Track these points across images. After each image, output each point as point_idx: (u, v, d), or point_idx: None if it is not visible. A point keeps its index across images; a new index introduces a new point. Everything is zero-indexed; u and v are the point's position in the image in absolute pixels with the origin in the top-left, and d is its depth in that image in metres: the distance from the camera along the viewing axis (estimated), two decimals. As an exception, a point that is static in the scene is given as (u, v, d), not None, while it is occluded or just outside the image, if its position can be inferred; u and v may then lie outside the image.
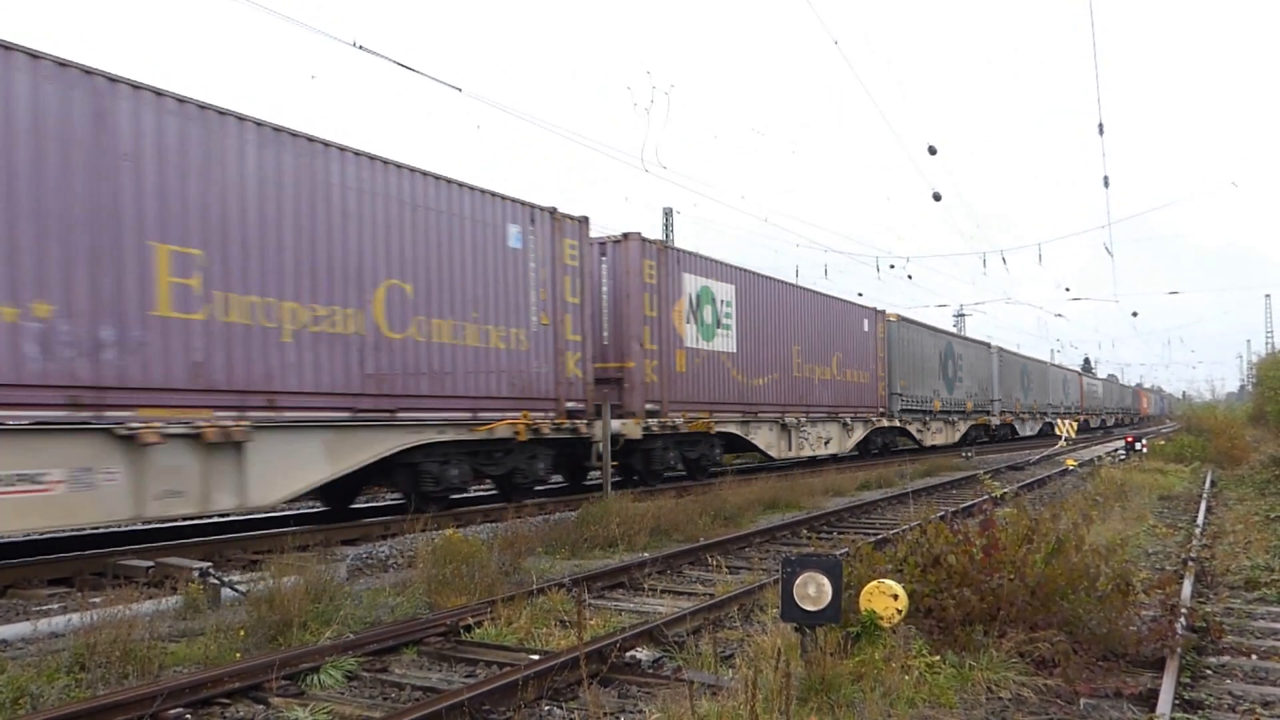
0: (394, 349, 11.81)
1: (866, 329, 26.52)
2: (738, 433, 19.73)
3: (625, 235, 16.86)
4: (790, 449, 21.87)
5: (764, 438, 20.76)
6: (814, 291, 24.32)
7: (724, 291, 19.43)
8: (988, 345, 41.02)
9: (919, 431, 30.72)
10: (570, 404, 14.81)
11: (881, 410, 27.37)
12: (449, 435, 12.60)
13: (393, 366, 11.78)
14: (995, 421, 39.46)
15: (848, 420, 25.05)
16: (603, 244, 16.77)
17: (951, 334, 37.13)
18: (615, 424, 15.31)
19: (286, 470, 10.41)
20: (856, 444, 25.89)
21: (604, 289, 16.58)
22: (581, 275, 15.20)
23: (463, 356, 12.90)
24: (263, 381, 10.13)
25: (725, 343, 19.33)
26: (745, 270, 20.63)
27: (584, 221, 15.43)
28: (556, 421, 14.45)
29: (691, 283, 18.32)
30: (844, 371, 24.92)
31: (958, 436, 34.70)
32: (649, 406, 16.71)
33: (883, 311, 28.05)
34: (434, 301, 12.44)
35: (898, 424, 28.76)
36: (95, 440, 8.69)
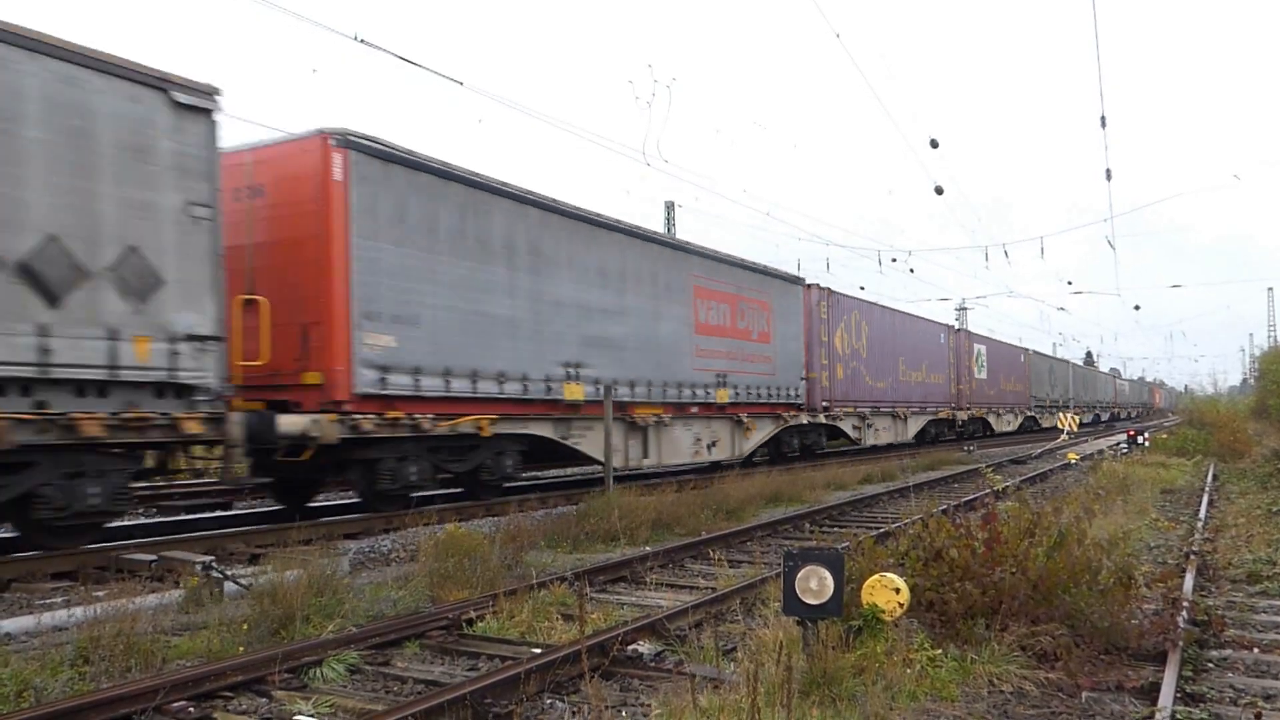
0: (928, 385, 31.78)
1: (1022, 360, 47.06)
2: (985, 417, 39.68)
3: (959, 330, 38.24)
4: (995, 427, 41.16)
5: (993, 420, 41.07)
6: (1007, 343, 46.56)
7: (979, 351, 38.95)
8: (1067, 362, 62.11)
9: (1039, 417, 49.76)
10: (951, 403, 34.73)
11: (1026, 406, 46.63)
12: (931, 419, 32.60)
13: (928, 391, 31.83)
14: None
15: (1016, 412, 45.01)
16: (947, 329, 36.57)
17: (1053, 357, 59.02)
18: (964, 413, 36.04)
19: (909, 430, 29.97)
20: (1017, 425, 45.16)
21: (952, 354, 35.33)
22: (956, 348, 35.63)
23: (932, 386, 32.52)
24: (907, 398, 29.65)
25: (981, 374, 38.79)
26: (992, 338, 43.38)
27: (951, 327, 36.66)
28: (951, 411, 34.63)
29: (977, 348, 38.73)
30: (1014, 386, 44.83)
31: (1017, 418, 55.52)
32: (964, 405, 36.19)
33: (1029, 349, 49.67)
34: (930, 368, 32.30)
35: (1033, 414, 48.14)
36: (891, 417, 28.75)
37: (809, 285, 24.10)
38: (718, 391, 19.23)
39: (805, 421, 23.24)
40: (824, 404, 23.91)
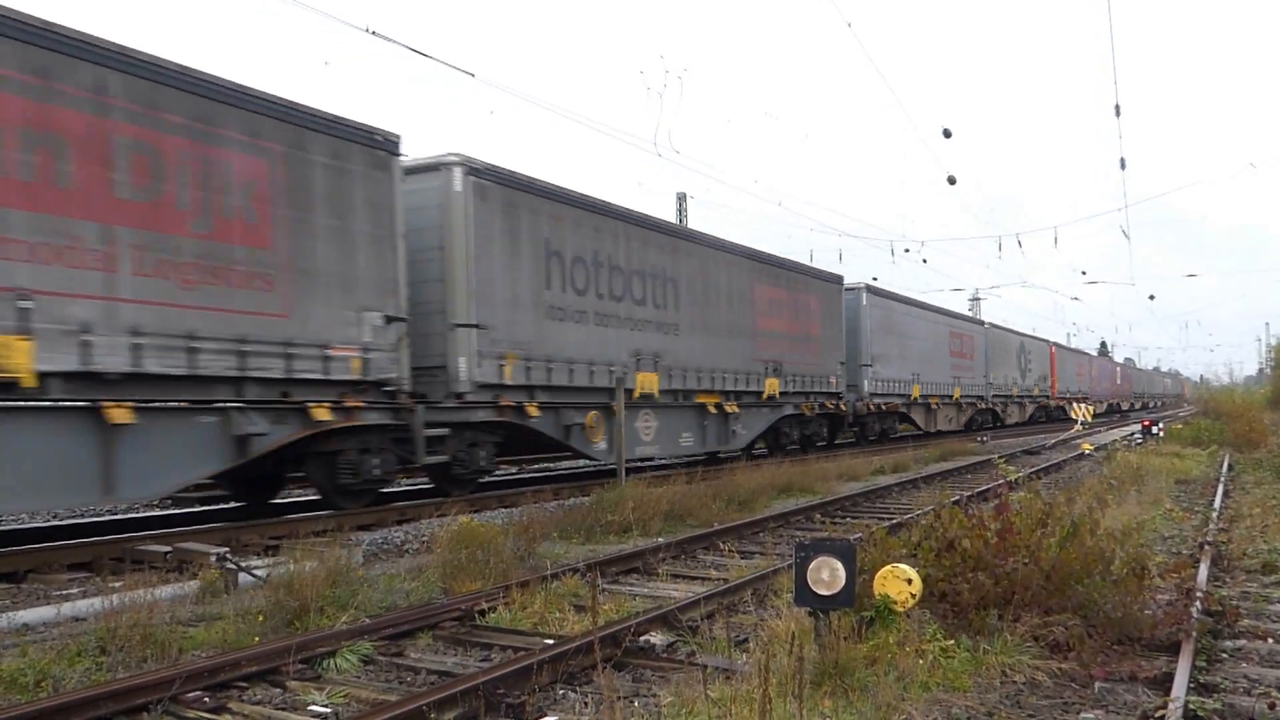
0: (1105, 389, 67.51)
1: (1131, 372, 73.82)
2: (1119, 404, 67.58)
3: (1111, 358, 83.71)
4: (1016, 415, 45.81)
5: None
6: (1129, 365, 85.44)
7: (1118, 370, 77.16)
8: (1148, 370, 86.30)
9: (1136, 404, 74.48)
10: (1111, 398, 68.84)
11: (1131, 397, 69.85)
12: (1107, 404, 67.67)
13: (1109, 393, 68.59)
14: (1140, 403, 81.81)
15: (1129, 400, 69.05)
16: (1109, 360, 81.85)
17: (1141, 369, 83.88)
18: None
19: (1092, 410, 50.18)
20: (1127, 406, 72.46)
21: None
22: (1111, 371, 72.63)
23: (1107, 390, 68.86)
24: (1102, 395, 66.27)
25: (1119, 382, 72.80)
26: (1122, 364, 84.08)
27: (1111, 359, 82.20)
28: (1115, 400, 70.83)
29: (1116, 369, 78.54)
30: (1127, 387, 77.67)
31: (1127, 405, 77.25)
32: (1115, 397, 70.60)
33: (1136, 365, 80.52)
34: (1106, 381, 69.27)
35: (1133, 401, 73.22)
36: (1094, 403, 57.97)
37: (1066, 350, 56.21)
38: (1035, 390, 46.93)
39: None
40: (1075, 394, 52.96)
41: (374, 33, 12.74)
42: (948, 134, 20.88)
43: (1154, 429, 26.88)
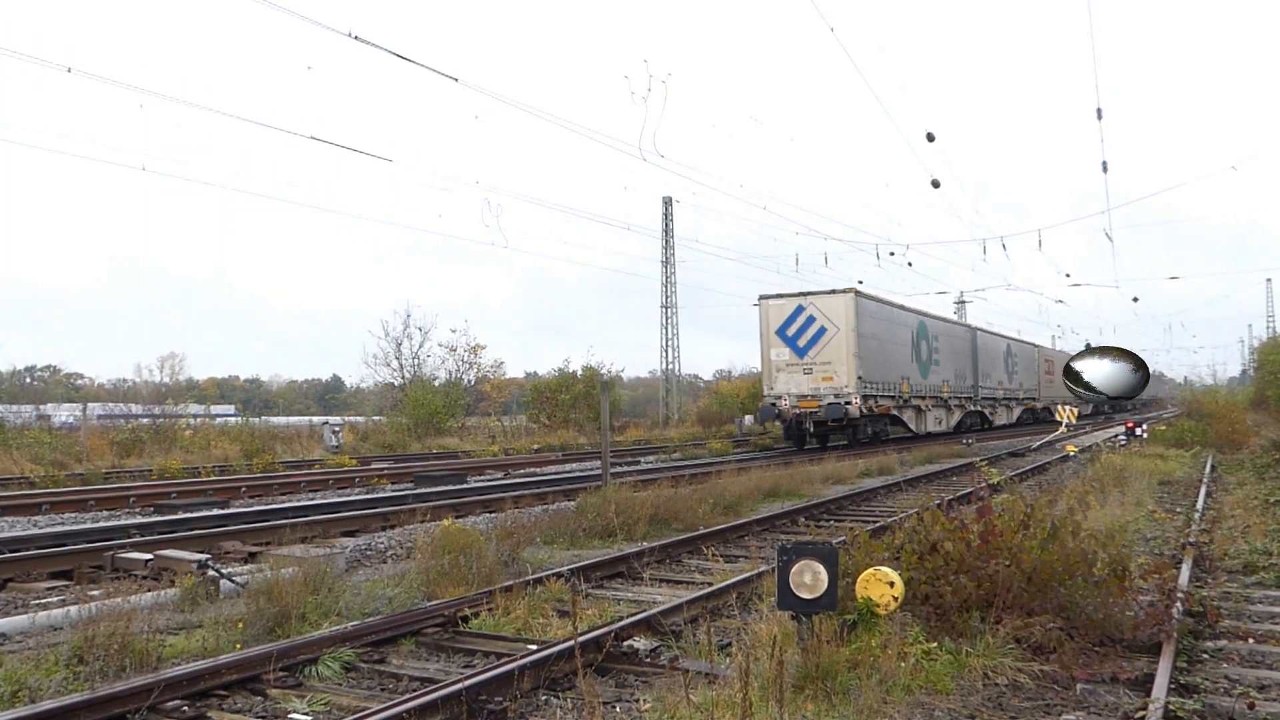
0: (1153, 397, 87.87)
1: (1164, 379, 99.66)
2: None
3: (1160, 375, 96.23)
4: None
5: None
6: (1168, 375, 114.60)
7: (1169, 385, 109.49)
8: (1158, 375, 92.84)
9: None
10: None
11: (1172, 402, 73.87)
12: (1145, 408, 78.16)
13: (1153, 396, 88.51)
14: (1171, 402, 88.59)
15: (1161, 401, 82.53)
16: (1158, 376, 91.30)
17: (1161, 377, 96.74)
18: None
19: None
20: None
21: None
22: (1155, 385, 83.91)
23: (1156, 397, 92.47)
24: (1144, 397, 74.57)
25: (1169, 389, 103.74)
26: (1164, 374, 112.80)
27: (1162, 376, 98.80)
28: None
29: (1163, 384, 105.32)
30: (1164, 390, 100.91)
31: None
32: (1157, 399, 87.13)
33: (1164, 374, 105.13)
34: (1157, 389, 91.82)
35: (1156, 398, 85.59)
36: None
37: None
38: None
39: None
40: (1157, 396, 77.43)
41: (356, 37, 12.72)
42: (931, 137, 20.98)
43: (1138, 430, 26.97)
